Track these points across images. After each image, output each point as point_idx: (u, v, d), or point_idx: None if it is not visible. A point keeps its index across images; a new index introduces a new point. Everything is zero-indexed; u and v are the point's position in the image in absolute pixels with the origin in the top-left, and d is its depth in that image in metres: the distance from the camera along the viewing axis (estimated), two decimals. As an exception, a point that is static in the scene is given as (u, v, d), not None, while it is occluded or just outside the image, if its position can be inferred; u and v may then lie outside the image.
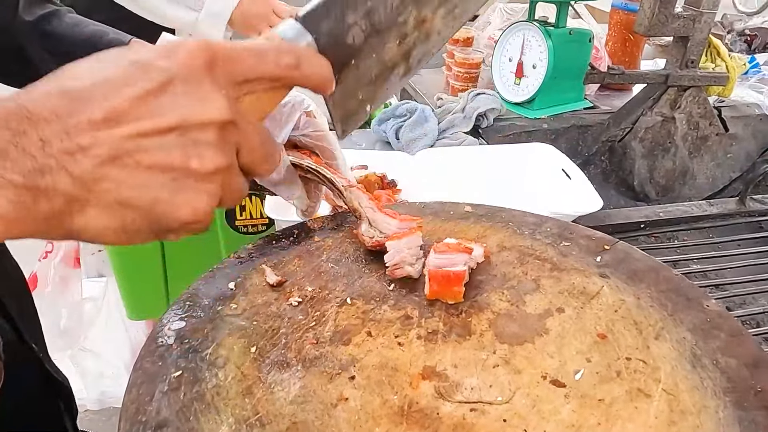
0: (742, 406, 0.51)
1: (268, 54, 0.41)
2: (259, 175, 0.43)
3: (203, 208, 0.38)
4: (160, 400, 0.51)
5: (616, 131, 1.46)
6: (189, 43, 0.38)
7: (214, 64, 0.38)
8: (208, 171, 0.37)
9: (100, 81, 0.36)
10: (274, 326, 0.60)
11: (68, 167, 0.34)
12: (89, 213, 0.36)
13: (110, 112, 0.35)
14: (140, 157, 0.36)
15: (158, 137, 0.36)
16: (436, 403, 0.52)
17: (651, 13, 1.29)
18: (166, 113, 0.36)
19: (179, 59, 0.37)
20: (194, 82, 0.37)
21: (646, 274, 0.67)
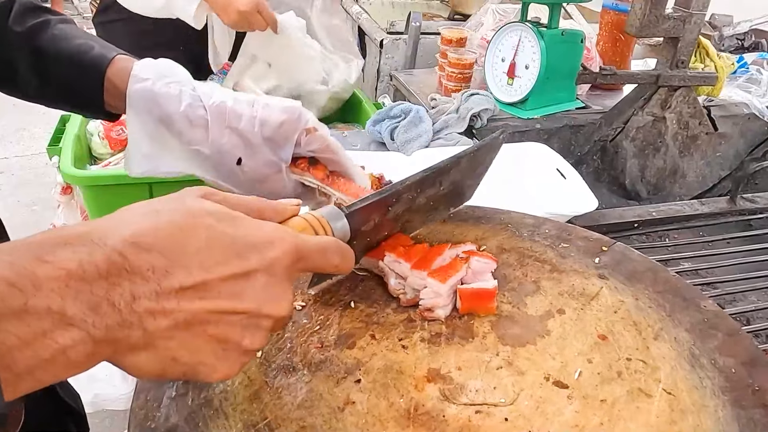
0: (740, 405, 0.52)
1: (327, 255, 0.46)
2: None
3: (233, 373, 0.41)
4: (168, 406, 0.52)
5: (608, 131, 1.47)
6: (282, 239, 0.42)
7: (297, 263, 0.43)
8: (254, 349, 0.42)
9: (202, 249, 0.38)
10: (279, 331, 0.61)
11: (146, 325, 0.36)
12: (141, 357, 0.37)
13: (201, 283, 0.37)
14: (207, 328, 0.39)
15: (230, 316, 0.39)
16: (442, 406, 0.53)
17: (642, 14, 1.31)
18: (246, 298, 0.39)
19: (273, 255, 0.41)
20: (276, 278, 0.41)
21: (644, 275, 0.68)
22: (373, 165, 1.12)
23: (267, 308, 0.41)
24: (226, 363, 0.41)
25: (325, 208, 0.54)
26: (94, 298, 0.34)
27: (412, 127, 1.29)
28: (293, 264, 0.42)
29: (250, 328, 0.41)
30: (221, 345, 0.40)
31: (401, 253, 0.65)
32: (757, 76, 1.64)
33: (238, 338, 0.40)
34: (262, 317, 0.41)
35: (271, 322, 0.42)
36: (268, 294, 0.41)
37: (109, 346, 0.35)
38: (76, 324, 0.33)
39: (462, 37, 1.57)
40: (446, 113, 1.37)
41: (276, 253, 0.41)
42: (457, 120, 1.35)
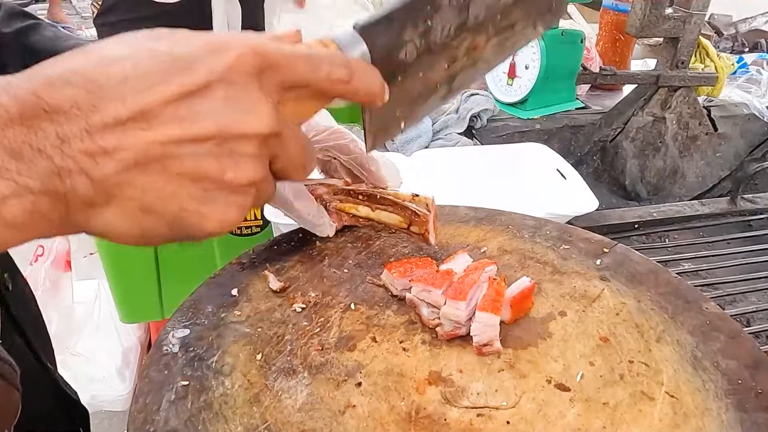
0: (743, 408, 0.52)
1: (322, 64, 0.37)
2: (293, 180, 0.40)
3: (232, 220, 0.35)
4: (167, 409, 0.51)
5: (608, 131, 1.47)
6: (239, 42, 0.34)
7: (264, 69, 0.35)
8: (243, 183, 0.34)
9: (132, 72, 0.32)
10: (279, 333, 0.60)
11: (89, 171, 0.31)
12: (107, 216, 0.33)
13: (140, 112, 0.31)
14: (169, 165, 0.32)
15: (192, 145, 0.32)
16: (443, 409, 0.53)
17: (642, 15, 1.31)
18: (203, 119, 0.32)
19: (227, 60, 0.33)
20: (240, 88, 0.33)
21: (645, 277, 0.68)
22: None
23: (236, 126, 0.33)
24: (217, 206, 0.34)
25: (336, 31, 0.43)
26: (11, 143, 0.29)
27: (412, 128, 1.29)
28: (260, 70, 0.34)
29: (226, 157, 0.33)
30: (198, 185, 0.33)
31: (427, 280, 0.61)
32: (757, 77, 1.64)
33: (214, 172, 0.33)
34: (235, 139, 0.33)
35: (252, 145, 0.34)
36: (234, 109, 0.33)
37: (57, 202, 0.31)
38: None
39: (462, 37, 1.56)
40: (446, 113, 1.37)
41: (229, 58, 0.33)
42: (457, 120, 1.35)
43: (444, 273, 0.63)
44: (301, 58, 0.36)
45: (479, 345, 0.58)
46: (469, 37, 0.52)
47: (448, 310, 0.59)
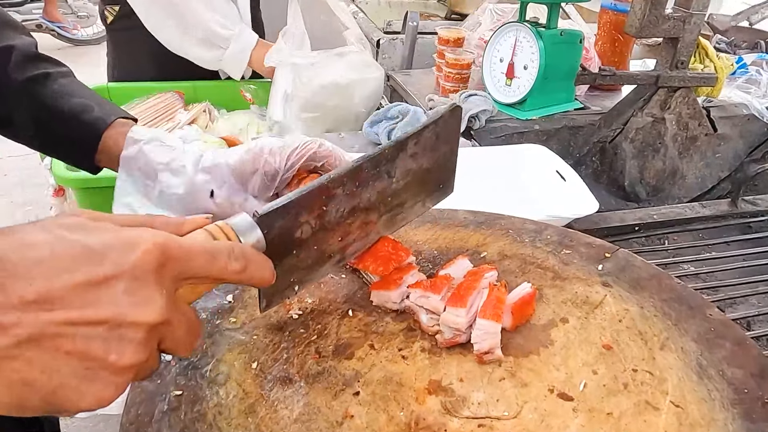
0: (750, 418, 0.51)
1: (219, 257, 0.42)
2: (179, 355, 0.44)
3: (108, 399, 0.37)
4: (160, 420, 0.50)
5: (607, 132, 1.46)
6: (148, 239, 0.38)
7: (165, 264, 0.38)
8: (124, 366, 0.36)
9: (45, 257, 0.35)
10: (275, 340, 0.59)
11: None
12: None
13: (44, 296, 0.34)
14: (61, 343, 0.34)
15: (86, 327, 0.35)
16: (444, 419, 0.51)
17: (642, 15, 1.29)
18: (101, 306, 0.35)
19: (133, 258, 0.37)
20: (139, 281, 0.37)
21: (648, 283, 0.67)
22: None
23: (130, 315, 0.36)
24: (95, 385, 0.36)
25: (235, 217, 0.48)
26: None
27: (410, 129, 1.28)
28: (161, 266, 0.38)
29: (114, 341, 0.36)
30: (83, 363, 0.35)
31: (426, 286, 0.60)
32: (757, 77, 1.63)
33: (100, 353, 0.35)
34: (126, 326, 0.36)
35: (141, 332, 0.37)
36: (131, 300, 0.36)
37: None
38: None
39: (459, 37, 1.55)
40: (444, 114, 1.35)
41: (135, 255, 0.37)
42: (455, 121, 1.33)
43: (442, 278, 0.62)
44: (200, 254, 0.41)
45: (480, 353, 0.57)
46: (361, 216, 0.60)
47: (447, 317, 0.57)
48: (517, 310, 0.60)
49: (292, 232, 0.53)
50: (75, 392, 0.35)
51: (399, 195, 0.64)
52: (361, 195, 0.59)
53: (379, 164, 0.59)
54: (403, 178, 0.63)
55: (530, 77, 1.41)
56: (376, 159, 0.59)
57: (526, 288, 0.62)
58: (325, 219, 0.56)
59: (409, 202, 0.66)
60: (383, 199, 0.62)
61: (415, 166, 0.64)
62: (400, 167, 0.62)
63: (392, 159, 0.61)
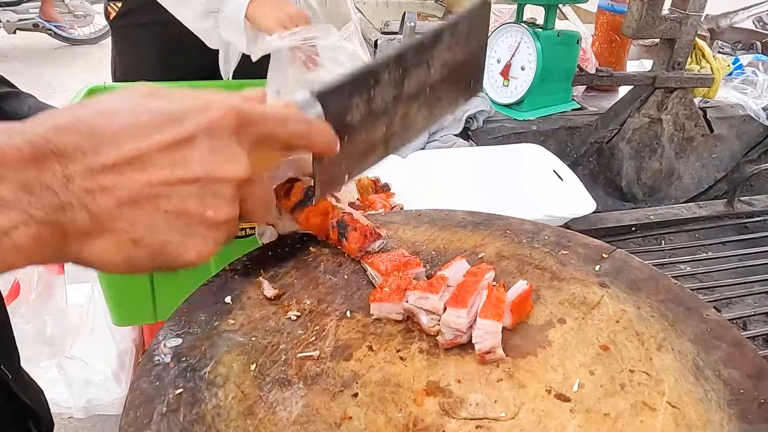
0: (746, 419, 0.51)
1: (287, 122, 0.44)
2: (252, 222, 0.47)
3: (208, 252, 0.39)
4: (159, 422, 0.50)
5: (604, 132, 1.47)
6: (221, 101, 0.40)
7: (242, 126, 0.40)
8: (220, 221, 0.39)
9: (130, 122, 0.36)
10: (274, 342, 0.59)
11: (88, 205, 0.35)
12: (99, 245, 0.36)
13: (136, 156, 0.36)
14: (159, 203, 0.37)
15: (179, 186, 0.37)
16: (442, 421, 0.51)
17: (639, 16, 1.30)
18: (190, 165, 0.37)
19: (211, 116, 0.39)
20: (222, 139, 0.39)
21: (645, 283, 0.67)
22: (368, 168, 1.11)
23: (218, 171, 0.38)
24: (196, 240, 0.39)
25: (296, 95, 0.50)
26: (24, 179, 0.33)
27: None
28: (239, 127, 0.40)
29: (208, 197, 0.38)
30: (182, 220, 0.38)
31: (423, 287, 0.60)
32: (753, 78, 1.64)
33: (198, 209, 0.38)
34: (217, 182, 0.39)
35: (230, 188, 0.39)
36: (216, 157, 0.38)
37: (57, 232, 0.34)
38: (10, 205, 0.33)
39: (457, 37, 1.55)
40: (442, 115, 1.35)
41: (214, 115, 0.39)
42: (453, 122, 1.34)
43: (439, 278, 0.62)
44: (270, 116, 0.43)
45: (482, 353, 0.57)
46: (403, 106, 0.61)
47: (448, 318, 0.58)
48: (516, 308, 0.61)
49: (344, 114, 0.54)
50: (179, 247, 0.38)
51: (435, 88, 0.64)
52: (404, 83, 0.60)
53: (420, 51, 0.60)
54: (440, 71, 0.63)
55: (527, 78, 1.42)
56: (418, 46, 0.59)
57: (523, 285, 0.62)
58: (373, 104, 0.57)
59: (444, 97, 0.67)
60: (422, 91, 0.63)
61: (450, 58, 0.64)
62: (437, 58, 0.62)
63: (431, 47, 0.61)
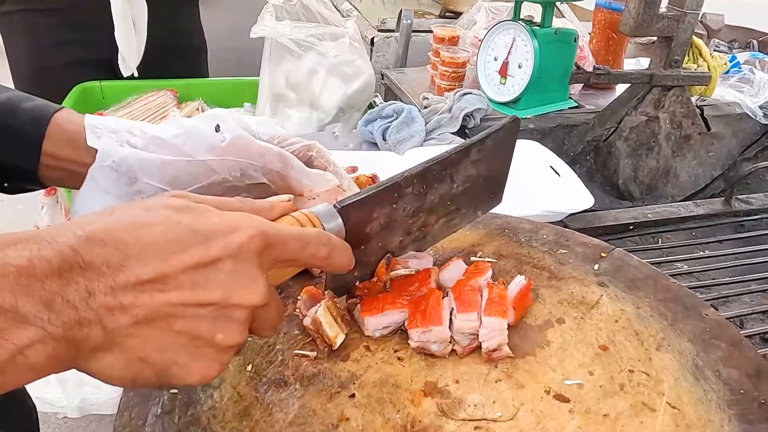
0: (746, 419, 0.51)
1: (309, 244, 0.44)
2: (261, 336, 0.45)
3: (212, 375, 0.39)
4: (153, 424, 0.49)
5: (601, 131, 1.46)
6: (250, 224, 0.40)
7: (265, 250, 0.40)
8: (229, 345, 0.39)
9: (158, 239, 0.36)
10: (270, 342, 0.59)
11: (105, 322, 0.34)
12: (107, 360, 0.36)
13: (159, 276, 0.36)
14: (173, 323, 0.36)
15: (196, 308, 0.37)
16: (440, 422, 0.51)
17: (636, 14, 1.29)
18: (209, 288, 0.37)
19: (237, 240, 0.38)
20: (244, 264, 0.39)
21: (644, 283, 0.66)
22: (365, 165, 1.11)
23: (236, 297, 0.38)
24: (202, 362, 0.38)
25: (318, 206, 0.51)
26: (48, 294, 0.33)
27: (405, 127, 1.27)
28: (262, 250, 0.40)
29: (221, 321, 0.38)
30: (192, 342, 0.37)
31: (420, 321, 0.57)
32: (750, 76, 1.63)
33: (209, 333, 0.38)
34: (232, 308, 0.38)
35: (245, 313, 0.39)
36: (236, 282, 0.38)
37: (71, 347, 0.34)
38: (30, 321, 0.32)
39: (454, 35, 1.55)
40: (439, 113, 1.35)
41: (240, 239, 0.39)
42: (450, 120, 1.33)
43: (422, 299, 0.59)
44: (294, 240, 0.43)
45: (488, 351, 0.56)
46: (423, 217, 0.63)
47: (462, 324, 0.57)
48: (518, 304, 0.60)
49: (364, 226, 0.56)
50: (184, 369, 0.38)
51: (457, 200, 0.66)
52: (426, 196, 0.61)
53: (445, 167, 0.61)
54: (462, 184, 0.65)
55: (525, 76, 1.41)
56: (444, 162, 0.61)
57: (521, 281, 0.62)
58: (393, 217, 0.59)
59: (464, 208, 0.68)
60: (443, 203, 0.64)
61: (474, 172, 0.65)
62: (461, 172, 0.64)
63: (457, 163, 0.62)
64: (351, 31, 1.54)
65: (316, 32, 1.51)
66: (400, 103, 1.34)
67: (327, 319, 0.57)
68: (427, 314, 0.57)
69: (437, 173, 0.61)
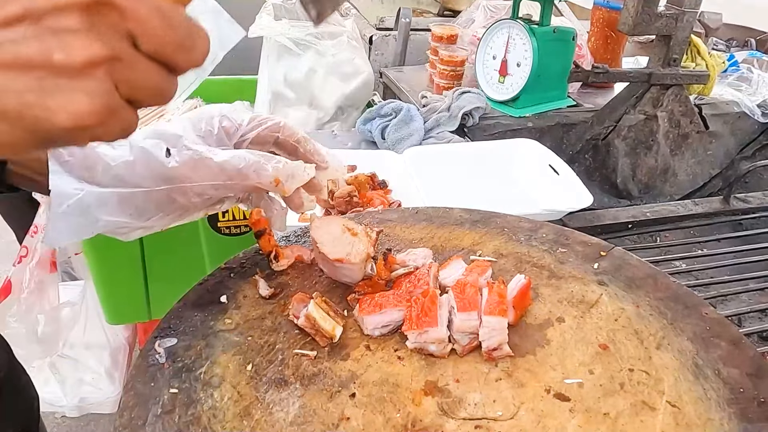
0: (746, 418, 0.51)
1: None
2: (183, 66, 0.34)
3: (85, 110, 0.30)
4: (153, 424, 0.49)
5: (600, 129, 1.46)
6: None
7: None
8: (79, 64, 0.30)
9: None
10: (270, 341, 0.58)
11: None
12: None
13: None
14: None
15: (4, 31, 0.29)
16: (440, 421, 0.51)
17: (635, 12, 1.29)
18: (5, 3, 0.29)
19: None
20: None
21: (644, 281, 0.66)
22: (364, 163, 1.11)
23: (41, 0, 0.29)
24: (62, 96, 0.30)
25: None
26: None
27: (403, 126, 1.27)
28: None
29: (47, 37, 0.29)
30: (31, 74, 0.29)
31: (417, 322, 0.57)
32: (748, 75, 1.64)
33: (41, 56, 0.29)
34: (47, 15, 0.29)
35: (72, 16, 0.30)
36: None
37: None
38: None
39: (453, 34, 1.54)
40: (437, 111, 1.35)
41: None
42: (449, 118, 1.33)
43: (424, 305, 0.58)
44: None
45: (489, 350, 0.56)
46: None
47: (462, 324, 0.57)
48: (518, 302, 0.60)
49: None
50: (42, 110, 0.30)
51: None
52: None
53: None
54: None
55: (523, 74, 1.41)
56: None
57: (521, 279, 0.62)
58: None
59: None
60: None
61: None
62: None
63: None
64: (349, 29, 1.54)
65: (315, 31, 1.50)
66: (398, 102, 1.34)
67: (320, 314, 0.57)
68: (422, 316, 0.57)
69: None
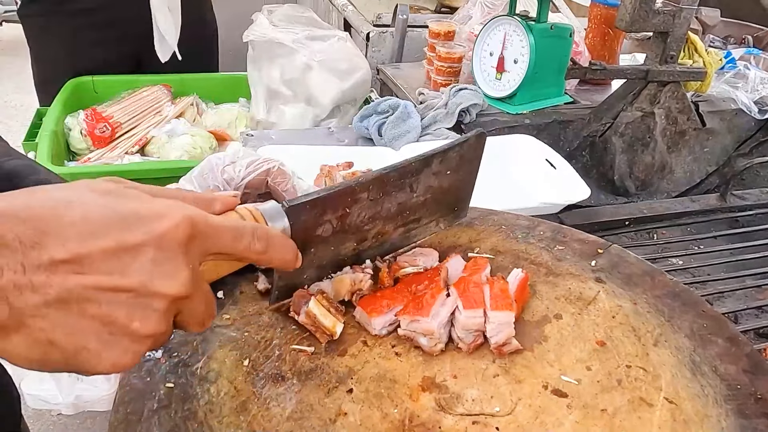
0: (743, 414, 0.51)
1: (244, 237, 0.42)
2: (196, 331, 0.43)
3: (124, 365, 0.37)
4: (149, 419, 0.49)
5: (597, 126, 1.46)
6: (177, 211, 0.38)
7: (193, 238, 0.38)
8: (146, 335, 0.37)
9: (79, 219, 0.35)
10: (267, 337, 0.58)
11: (11, 300, 0.33)
12: (14, 340, 0.34)
13: (75, 257, 0.34)
14: (86, 307, 0.35)
15: (112, 293, 0.35)
16: (438, 416, 0.51)
17: (632, 9, 1.29)
18: (128, 274, 0.36)
19: (162, 227, 0.37)
20: (168, 252, 0.37)
21: (641, 279, 0.66)
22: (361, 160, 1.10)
23: (156, 285, 0.36)
24: (115, 350, 0.36)
25: (266, 204, 0.50)
26: None
27: (400, 123, 1.27)
28: (190, 240, 0.38)
29: (138, 309, 0.36)
30: (106, 328, 0.36)
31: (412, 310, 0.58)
32: (745, 72, 1.64)
33: (124, 320, 0.36)
34: (151, 296, 0.37)
35: (165, 303, 0.37)
36: (158, 270, 0.37)
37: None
38: None
39: (450, 30, 1.54)
40: (434, 108, 1.35)
41: (165, 226, 0.37)
42: (446, 115, 1.33)
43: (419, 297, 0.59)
44: (227, 231, 0.41)
45: (498, 345, 0.56)
46: (379, 224, 0.62)
47: (467, 321, 0.57)
48: (518, 296, 0.61)
49: (314, 228, 0.55)
50: (95, 355, 0.36)
51: (417, 210, 0.65)
52: (383, 204, 0.60)
53: (404, 176, 0.60)
54: (423, 194, 0.64)
55: (520, 71, 1.41)
56: (402, 170, 0.60)
57: (519, 274, 0.63)
58: (347, 221, 0.58)
59: (424, 219, 0.67)
60: (402, 212, 0.63)
61: (436, 183, 0.65)
62: (422, 182, 0.63)
63: (417, 173, 0.61)
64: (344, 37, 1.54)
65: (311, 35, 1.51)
66: (395, 99, 1.34)
67: (320, 310, 0.57)
68: (418, 305, 0.58)
69: (395, 181, 0.60)
